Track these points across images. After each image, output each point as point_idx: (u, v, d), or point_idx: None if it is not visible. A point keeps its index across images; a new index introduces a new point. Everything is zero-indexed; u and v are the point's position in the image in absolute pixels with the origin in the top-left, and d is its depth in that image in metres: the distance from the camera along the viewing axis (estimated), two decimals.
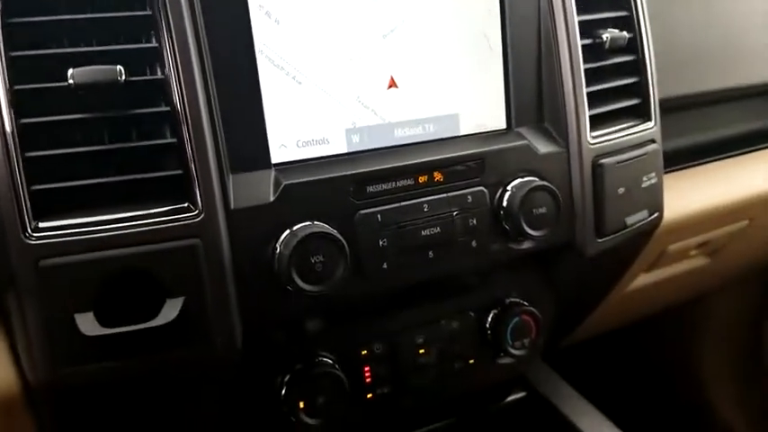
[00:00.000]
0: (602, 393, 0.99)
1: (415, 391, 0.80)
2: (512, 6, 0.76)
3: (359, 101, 0.70)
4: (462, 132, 0.76)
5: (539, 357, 1.06)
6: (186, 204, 0.60)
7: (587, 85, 0.78)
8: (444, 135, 0.75)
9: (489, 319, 0.82)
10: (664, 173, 0.89)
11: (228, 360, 0.64)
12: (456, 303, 0.82)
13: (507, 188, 0.74)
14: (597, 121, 0.81)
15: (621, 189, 0.82)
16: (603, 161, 0.80)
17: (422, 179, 0.71)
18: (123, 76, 0.57)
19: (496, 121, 0.78)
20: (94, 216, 0.58)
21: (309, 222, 0.64)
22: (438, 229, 0.71)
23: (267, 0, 0.64)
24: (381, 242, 0.68)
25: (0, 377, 0.62)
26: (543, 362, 1.05)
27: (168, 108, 0.59)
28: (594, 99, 0.80)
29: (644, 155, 0.84)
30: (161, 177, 0.60)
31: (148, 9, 0.59)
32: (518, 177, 0.75)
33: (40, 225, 0.56)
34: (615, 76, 0.83)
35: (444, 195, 0.71)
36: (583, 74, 0.78)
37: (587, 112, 0.79)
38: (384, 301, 0.75)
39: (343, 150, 0.70)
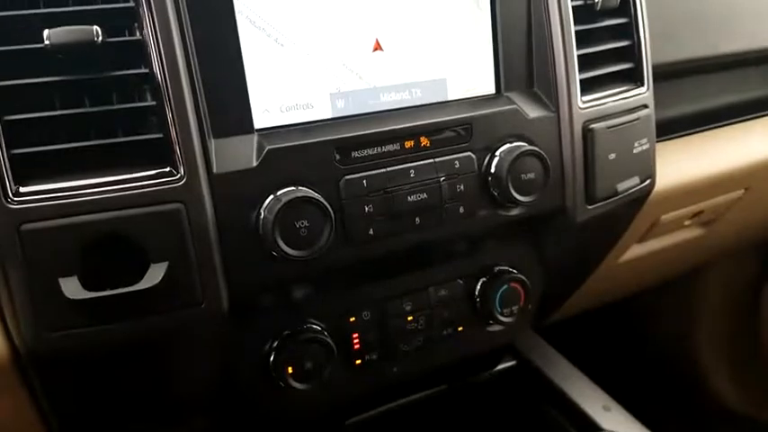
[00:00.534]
0: (595, 367, 0.99)
1: (404, 357, 0.80)
2: None
3: (343, 64, 0.69)
4: (450, 97, 0.75)
5: (530, 329, 1.06)
6: (168, 169, 0.60)
7: (578, 48, 0.77)
8: (431, 100, 0.74)
9: (478, 286, 0.82)
10: (657, 141, 0.88)
11: (215, 325, 0.64)
12: (444, 271, 0.81)
13: (495, 153, 0.73)
14: (588, 86, 0.79)
15: (612, 155, 0.81)
16: (594, 126, 0.79)
17: (408, 144, 0.70)
18: (100, 37, 0.56)
19: (485, 85, 0.77)
20: (76, 180, 0.57)
21: (294, 188, 0.64)
22: (425, 195, 0.70)
23: None
24: (367, 208, 0.68)
25: None
26: (535, 333, 1.05)
27: (147, 70, 0.59)
28: (585, 63, 0.79)
29: (636, 120, 0.83)
30: (142, 141, 0.59)
31: None
32: (506, 143, 0.74)
33: (21, 190, 0.56)
34: (607, 39, 0.82)
35: (431, 161, 0.71)
36: (573, 36, 0.77)
37: (578, 76, 0.78)
38: (372, 268, 0.75)
39: (328, 116, 0.70)
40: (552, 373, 0.94)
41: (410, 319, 0.79)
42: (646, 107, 0.85)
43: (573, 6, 0.77)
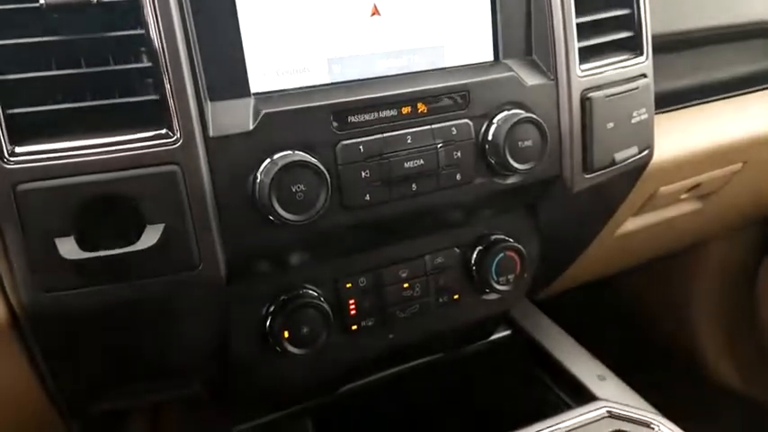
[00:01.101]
0: (591, 339, 1.00)
1: (400, 324, 0.80)
2: None
3: (341, 29, 0.69)
4: (448, 64, 0.75)
5: (527, 299, 1.07)
6: (164, 131, 0.60)
7: (577, 16, 0.77)
8: (429, 67, 0.74)
9: (474, 255, 0.83)
10: (655, 113, 0.88)
11: (212, 289, 0.65)
12: (441, 239, 0.82)
13: (493, 121, 0.73)
14: (587, 54, 0.79)
15: (611, 124, 0.81)
16: (592, 94, 0.78)
17: (405, 110, 0.70)
18: None
19: (483, 53, 0.77)
20: (72, 141, 0.57)
21: (290, 152, 0.64)
22: (421, 162, 0.70)
23: None
24: (364, 173, 0.68)
25: None
26: (532, 304, 1.06)
27: (143, 31, 0.58)
28: (584, 31, 0.78)
29: (635, 89, 0.83)
30: (138, 103, 0.59)
31: None
32: (504, 110, 0.74)
33: (17, 150, 0.56)
34: (606, 7, 0.81)
35: (428, 127, 0.71)
36: (573, 4, 0.76)
37: (577, 44, 0.77)
38: (368, 234, 0.75)
39: (325, 81, 0.69)
40: (548, 342, 0.95)
41: (406, 286, 0.80)
42: (645, 77, 0.85)
43: None
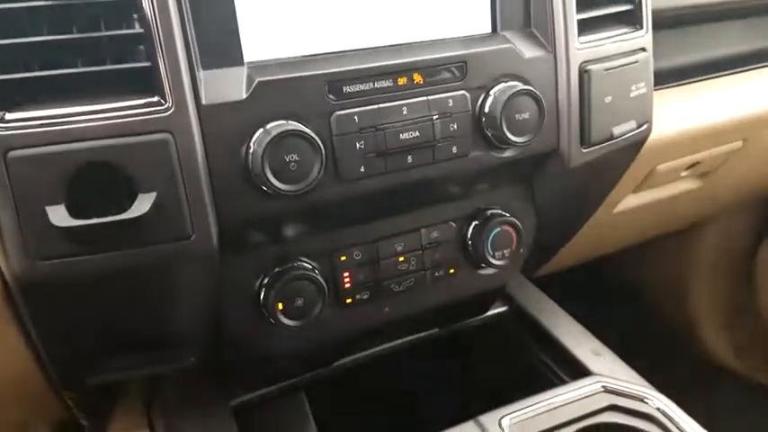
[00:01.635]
0: (590, 319, 1.00)
1: (395, 298, 0.80)
2: None
3: None
4: (445, 35, 0.74)
5: (524, 277, 1.07)
6: (156, 98, 0.59)
7: None
8: (426, 38, 0.73)
9: (470, 229, 0.82)
10: (655, 89, 0.87)
11: (205, 259, 0.65)
12: (437, 214, 0.81)
13: (490, 93, 0.72)
14: (586, 27, 0.78)
15: (609, 97, 0.80)
16: (591, 67, 0.77)
17: (401, 81, 0.69)
18: None
19: (481, 24, 0.76)
20: (63, 108, 0.57)
21: (284, 121, 0.63)
22: (417, 134, 0.70)
23: None
24: (358, 144, 0.67)
25: None
26: (528, 281, 1.06)
27: None
28: (583, 3, 0.77)
29: (634, 63, 0.82)
30: (130, 70, 0.59)
31: None
32: (501, 82, 0.73)
33: (8, 117, 0.56)
34: None
35: (424, 98, 0.70)
36: None
37: (575, 16, 0.76)
38: (364, 207, 0.74)
39: (320, 50, 0.68)
40: (544, 318, 0.95)
41: (401, 259, 0.79)
42: (644, 50, 0.84)
43: None
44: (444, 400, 1.04)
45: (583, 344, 0.91)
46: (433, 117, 0.70)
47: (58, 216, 0.56)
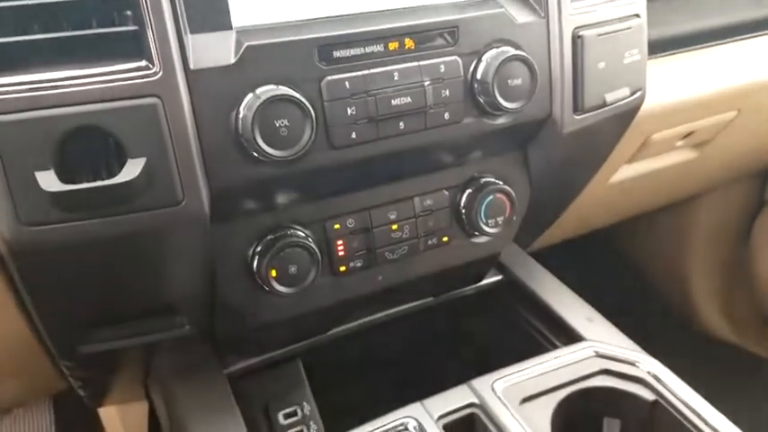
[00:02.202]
0: (584, 293, 1.00)
1: (389, 266, 0.80)
2: None
3: None
4: (437, 1, 0.73)
5: (518, 248, 1.07)
6: (144, 63, 0.58)
7: None
8: (417, 3, 0.72)
9: (464, 197, 0.82)
10: (648, 58, 0.87)
11: (196, 226, 0.65)
12: (430, 181, 0.81)
13: (482, 58, 0.72)
14: None
15: (602, 63, 0.79)
16: (584, 33, 0.77)
17: (392, 46, 0.69)
18: None
19: None
20: (50, 73, 0.56)
21: (274, 86, 0.63)
22: (409, 99, 0.69)
23: None
24: (350, 110, 0.67)
25: None
26: (522, 250, 1.06)
27: None
28: None
29: (627, 29, 0.81)
30: (117, 34, 0.58)
31: None
32: (493, 47, 0.72)
33: None
34: None
35: (416, 64, 0.69)
36: None
37: None
38: (356, 175, 0.74)
39: (310, 15, 0.68)
40: (538, 286, 0.95)
41: (395, 227, 0.79)
42: (638, 17, 0.83)
43: None
44: (438, 366, 1.05)
45: (576, 311, 0.91)
46: (425, 83, 0.70)
47: (48, 181, 0.56)
